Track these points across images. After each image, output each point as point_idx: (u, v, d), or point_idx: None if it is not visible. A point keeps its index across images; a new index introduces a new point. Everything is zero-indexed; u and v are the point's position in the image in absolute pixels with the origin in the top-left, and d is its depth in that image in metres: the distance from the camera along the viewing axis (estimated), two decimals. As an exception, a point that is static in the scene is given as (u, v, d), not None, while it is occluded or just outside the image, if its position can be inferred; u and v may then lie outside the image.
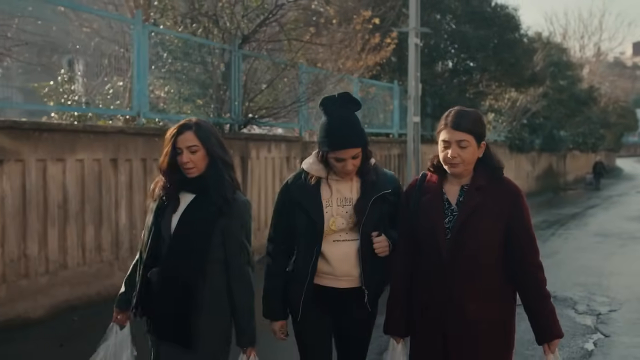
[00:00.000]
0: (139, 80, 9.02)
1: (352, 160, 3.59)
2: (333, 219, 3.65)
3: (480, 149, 3.39)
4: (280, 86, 12.31)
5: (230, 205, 3.46)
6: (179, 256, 3.44)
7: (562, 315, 7.62)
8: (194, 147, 3.46)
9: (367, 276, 3.63)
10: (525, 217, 3.40)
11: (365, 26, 14.53)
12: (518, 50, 20.85)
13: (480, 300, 3.33)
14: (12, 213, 7.00)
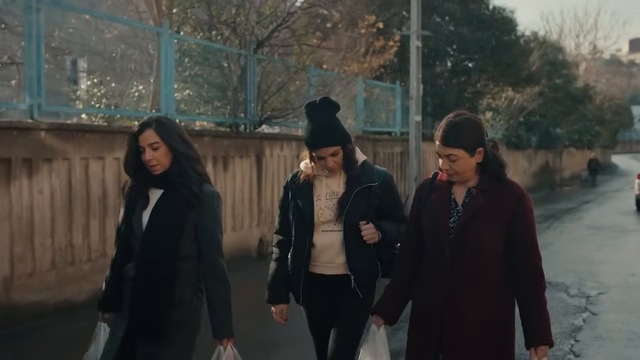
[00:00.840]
0: (166, 84, 9.79)
1: (331, 157, 3.88)
2: (321, 211, 3.95)
3: (477, 156, 3.44)
4: (291, 88, 13.09)
5: (199, 198, 3.50)
6: (151, 252, 3.47)
7: (554, 298, 8.48)
8: (155, 144, 3.49)
9: (351, 263, 3.88)
10: (528, 222, 3.43)
11: (369, 30, 15.31)
12: (515, 52, 21.62)
13: (480, 300, 3.39)
14: (60, 207, 7.78)
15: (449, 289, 3.39)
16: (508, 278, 3.40)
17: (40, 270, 7.51)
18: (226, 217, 10.83)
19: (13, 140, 7.18)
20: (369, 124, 17.21)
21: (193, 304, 3.51)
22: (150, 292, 3.42)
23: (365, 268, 3.93)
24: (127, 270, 3.50)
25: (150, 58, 11.64)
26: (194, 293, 3.52)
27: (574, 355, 6.31)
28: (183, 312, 3.46)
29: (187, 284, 3.50)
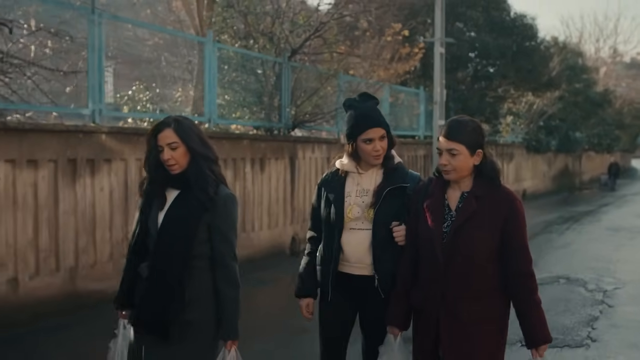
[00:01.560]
0: (210, 91, 10.49)
1: (380, 141, 3.86)
2: (350, 207, 3.91)
3: (476, 157, 3.52)
4: (321, 93, 13.77)
5: (213, 200, 3.48)
6: (165, 252, 3.46)
7: (574, 291, 9.09)
8: (174, 143, 3.48)
9: (378, 263, 3.84)
10: (519, 228, 3.51)
11: (395, 37, 15.95)
12: (536, 58, 22.18)
13: (473, 302, 3.48)
14: (118, 204, 8.48)
15: (443, 292, 3.49)
16: (501, 280, 3.50)
17: (101, 261, 8.22)
18: (262, 215, 11.50)
19: (79, 142, 7.90)
20: (394, 128, 17.85)
21: (208, 305, 3.48)
22: (161, 291, 3.42)
23: (392, 270, 3.84)
24: (141, 270, 3.51)
25: (191, 65, 12.36)
26: (208, 294, 3.49)
27: (591, 340, 6.91)
28: (197, 312, 3.44)
29: (200, 284, 3.48)
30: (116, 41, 10.63)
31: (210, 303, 3.49)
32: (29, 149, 7.25)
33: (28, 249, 7.29)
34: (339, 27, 13.83)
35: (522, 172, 28.07)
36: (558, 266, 11.07)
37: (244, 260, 11.72)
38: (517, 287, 3.47)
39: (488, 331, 3.50)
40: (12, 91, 7.94)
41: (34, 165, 7.33)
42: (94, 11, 8.21)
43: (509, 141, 26.54)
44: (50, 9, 8.37)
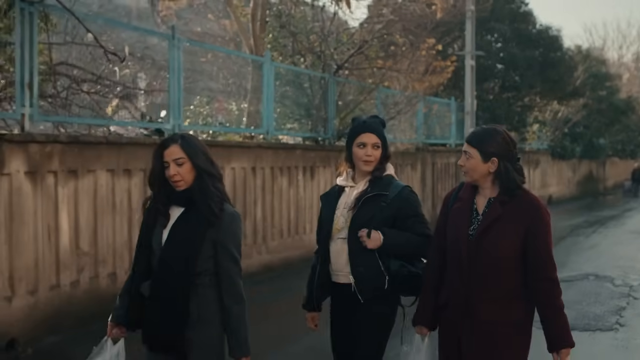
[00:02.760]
0: (267, 105, 11.54)
1: (373, 148, 4.07)
2: (337, 219, 4.12)
3: (490, 165, 3.64)
4: (362, 106, 14.80)
5: (218, 217, 3.46)
6: (169, 269, 3.44)
7: (602, 286, 10.02)
8: (180, 159, 3.47)
9: (352, 267, 4.00)
10: (543, 234, 3.59)
11: (429, 52, 16.94)
12: (561, 68, 23.12)
13: (495, 303, 3.59)
14: (193, 207, 9.53)
15: (467, 292, 3.62)
16: (525, 283, 3.60)
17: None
18: (313, 218, 12.51)
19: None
20: (427, 137, 18.82)
21: (213, 321, 3.48)
22: (166, 309, 3.42)
23: (367, 274, 3.99)
24: (143, 289, 3.51)
25: (245, 81, 13.41)
26: (213, 311, 3.48)
27: (620, 325, 7.87)
28: (203, 329, 3.45)
29: (205, 301, 3.47)
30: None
31: (215, 319, 3.48)
32: (125, 160, 8.31)
33: (124, 248, 8.32)
34: (379, 43, 14.81)
35: (547, 178, 28.87)
36: (587, 265, 11.98)
37: (298, 259, 12.79)
38: (540, 292, 3.57)
39: (508, 334, 3.60)
40: (99, 108, 9.04)
41: (128, 174, 8.39)
42: (174, 37, 9.27)
43: (534, 148, 27.38)
44: (135, 34, 9.46)
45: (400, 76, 16.18)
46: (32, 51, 7.17)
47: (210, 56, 13.31)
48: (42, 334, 7.13)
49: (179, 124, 9.42)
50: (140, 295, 3.52)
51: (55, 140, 7.36)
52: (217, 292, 3.49)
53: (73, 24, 8.22)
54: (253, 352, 3.56)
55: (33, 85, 7.19)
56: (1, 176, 6.76)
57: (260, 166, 11.01)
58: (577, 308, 8.52)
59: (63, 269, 7.47)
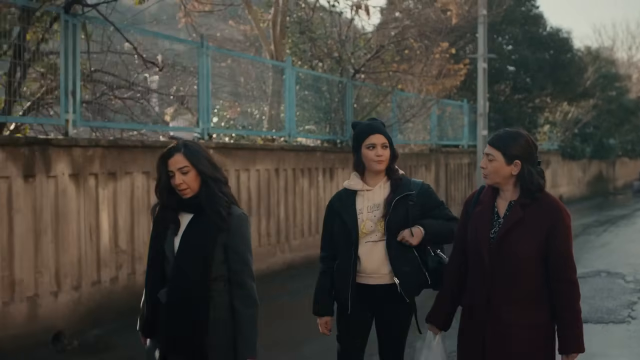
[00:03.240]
0: (289, 109, 11.96)
1: (382, 149, 4.17)
2: (363, 223, 4.17)
3: (513, 167, 3.67)
4: (378, 108, 15.21)
5: (227, 221, 3.52)
6: (185, 275, 3.50)
7: (614, 283, 10.40)
8: (185, 168, 3.52)
9: (396, 268, 4.11)
10: (564, 236, 3.64)
11: (443, 55, 17.32)
12: (572, 70, 23.46)
13: (517, 305, 3.63)
14: (221, 207, 9.96)
15: (489, 293, 3.66)
16: (546, 285, 3.64)
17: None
18: (332, 218, 12.92)
19: None
20: (440, 138, 19.21)
21: (228, 326, 3.54)
22: (183, 316, 3.47)
23: (411, 272, 4.14)
24: (161, 296, 3.55)
25: (265, 86, 13.82)
26: (228, 315, 3.54)
27: (631, 318, 8.27)
28: (218, 333, 3.51)
29: (222, 305, 3.53)
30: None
31: (230, 324, 3.54)
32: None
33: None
34: (395, 48, 15.20)
35: (558, 178, 29.17)
36: (599, 262, 12.36)
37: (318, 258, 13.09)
38: (559, 294, 3.62)
39: (534, 337, 3.64)
40: (131, 112, 9.48)
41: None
42: (203, 44, 9.71)
43: (545, 149, 27.69)
44: (165, 42, 9.89)
45: (414, 79, 16.57)
46: (74, 61, 7.62)
47: (230, 61, 13.74)
48: (86, 327, 7.57)
49: (208, 127, 9.84)
50: (157, 302, 3.55)
51: (96, 145, 7.81)
52: (229, 296, 3.54)
53: (107, 34, 8.67)
54: (279, 347, 3.72)
55: (76, 93, 7.63)
56: (48, 178, 7.21)
57: (282, 168, 11.43)
58: (591, 302, 8.92)
59: (103, 265, 7.91)
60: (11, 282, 6.84)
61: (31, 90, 8.36)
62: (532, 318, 3.64)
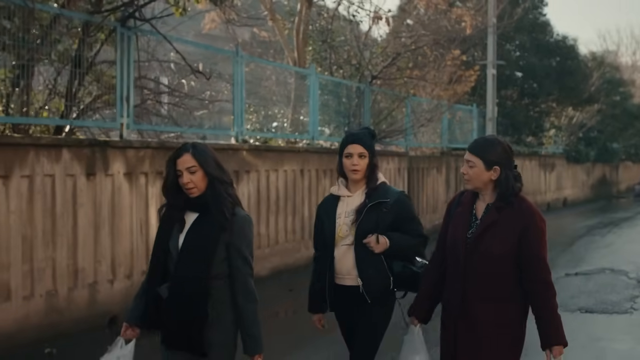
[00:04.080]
0: (313, 114, 12.71)
1: (359, 158, 4.37)
2: (340, 227, 4.41)
3: (492, 173, 3.83)
4: (394, 113, 15.97)
5: (230, 221, 3.62)
6: (186, 272, 3.60)
7: (617, 279, 11.13)
8: (193, 167, 3.61)
9: (360, 271, 4.33)
10: (536, 238, 3.78)
11: (454, 62, 18.07)
12: (577, 76, 24.21)
13: (490, 303, 3.79)
14: (252, 206, 10.71)
15: (464, 291, 3.84)
16: (520, 284, 3.80)
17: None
18: (351, 217, 13.66)
19: (228, 157, 10.13)
20: (450, 141, 19.95)
21: (228, 322, 3.67)
22: (184, 310, 3.57)
23: (374, 276, 4.34)
24: (162, 291, 3.64)
25: (287, 91, 14.56)
26: (228, 311, 3.66)
27: (633, 309, 9.02)
28: (218, 328, 3.63)
29: (221, 301, 3.65)
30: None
31: (229, 319, 3.67)
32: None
33: None
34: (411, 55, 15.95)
35: (562, 181, 29.87)
36: (603, 261, 13.09)
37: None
38: (534, 294, 3.77)
39: (502, 334, 3.80)
40: (170, 116, 10.24)
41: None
42: (238, 53, 10.46)
43: (550, 152, 28.42)
44: (200, 51, 10.64)
45: (427, 85, 17.32)
46: (128, 69, 8.37)
47: (252, 66, 14.47)
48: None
49: (242, 130, 10.59)
50: (158, 297, 3.64)
51: (147, 146, 8.56)
52: (230, 294, 3.67)
53: (151, 44, 9.43)
54: (296, 340, 4.33)
55: (130, 99, 8.38)
56: (106, 177, 7.96)
57: (307, 169, 12.17)
58: (596, 296, 9.67)
59: (152, 257, 8.65)
60: (75, 270, 7.59)
61: (81, 96, 9.09)
62: (504, 316, 3.80)
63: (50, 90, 8.33)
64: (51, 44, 7.87)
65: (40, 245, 7.20)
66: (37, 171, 7.15)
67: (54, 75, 8.25)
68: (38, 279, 7.18)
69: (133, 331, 3.80)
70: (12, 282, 6.93)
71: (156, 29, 8.39)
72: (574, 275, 11.46)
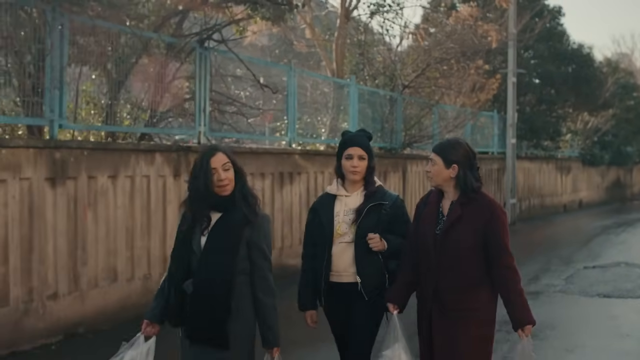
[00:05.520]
0: (352, 120, 13.94)
1: (359, 160, 4.50)
2: (339, 225, 4.49)
3: (451, 171, 4.13)
4: (423, 119, 17.21)
5: (256, 217, 3.79)
6: (210, 269, 3.70)
7: (632, 271, 12.34)
8: (227, 164, 3.76)
9: (359, 268, 4.42)
10: (499, 228, 4.06)
11: (477, 71, 19.25)
12: (593, 84, 25.37)
13: (460, 293, 4.06)
14: (304, 204, 11.92)
15: (435, 284, 4.11)
16: (486, 273, 4.09)
17: (294, 243, 11.68)
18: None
19: (283, 161, 11.38)
20: (473, 145, 21.05)
21: (249, 316, 3.79)
22: (208, 305, 3.68)
23: (372, 273, 4.45)
24: (186, 287, 3.74)
25: (326, 100, 15.80)
26: (249, 306, 3.79)
27: (645, 297, 10.25)
28: (240, 322, 3.74)
29: (243, 296, 3.77)
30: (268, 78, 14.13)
31: (250, 314, 3.80)
32: (261, 165, 10.74)
33: None
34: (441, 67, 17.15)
35: (578, 184, 30.92)
36: (618, 255, 14.27)
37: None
38: (501, 278, 4.07)
39: (473, 319, 4.07)
40: (229, 124, 11.49)
41: (262, 176, 10.82)
42: (292, 67, 11.73)
43: (566, 156, 29.51)
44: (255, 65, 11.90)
45: (451, 93, 18.50)
46: (205, 85, 9.64)
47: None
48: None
49: (294, 136, 11.85)
50: (182, 293, 3.75)
51: (220, 151, 9.82)
52: (250, 289, 3.80)
53: (218, 60, 10.69)
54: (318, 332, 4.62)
55: (206, 110, 9.65)
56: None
57: (346, 171, 13.38)
58: (613, 284, 10.87)
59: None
60: (165, 257, 8.83)
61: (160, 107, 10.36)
62: (474, 302, 4.08)
63: (134, 103, 9.59)
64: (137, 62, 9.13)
65: (138, 235, 8.48)
66: (137, 172, 8.42)
67: (141, 89, 9.49)
68: (137, 264, 8.46)
69: (153, 328, 3.91)
70: (118, 266, 8.20)
71: (232, 50, 9.65)
72: (591, 268, 12.61)
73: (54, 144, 7.36)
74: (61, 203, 7.42)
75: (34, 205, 7.11)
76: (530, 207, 24.43)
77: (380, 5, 15.95)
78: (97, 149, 7.92)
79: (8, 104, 7.85)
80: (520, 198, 22.87)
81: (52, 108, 7.44)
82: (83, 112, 8.86)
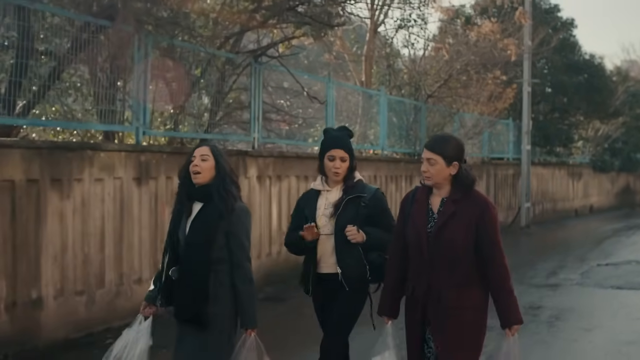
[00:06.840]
0: (382, 128, 15.03)
1: (341, 161, 4.66)
2: (319, 218, 4.70)
3: (452, 168, 4.00)
4: (445, 127, 18.29)
5: (231, 211, 4.01)
6: (191, 256, 4.04)
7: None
8: (205, 156, 4.02)
9: (339, 259, 4.60)
10: (491, 225, 3.99)
11: (494, 81, 20.30)
12: (604, 93, 26.46)
13: (454, 289, 3.97)
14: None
15: (429, 282, 4.02)
16: (479, 270, 4.01)
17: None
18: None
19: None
20: (490, 152, 22.18)
21: (227, 300, 4.07)
22: (189, 290, 4.04)
23: (352, 265, 4.60)
24: (173, 273, 4.12)
25: (355, 107, 16.88)
26: (227, 292, 4.07)
27: (654, 290, 11.29)
28: (219, 306, 4.04)
29: (220, 283, 4.06)
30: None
31: (228, 298, 4.07)
32: (304, 169, 11.76)
33: (277, 233, 11.28)
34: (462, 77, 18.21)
35: (589, 189, 31.83)
36: (629, 255, 15.32)
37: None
38: (492, 276, 4.00)
39: (465, 317, 4.01)
40: (268, 131, 12.58)
41: (306, 179, 11.84)
42: (330, 79, 12.84)
43: (578, 162, 30.48)
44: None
45: (470, 102, 19.54)
46: (258, 95, 10.73)
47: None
48: (262, 285, 10.59)
49: (332, 143, 12.92)
50: (171, 278, 4.14)
51: (271, 155, 10.92)
52: (229, 277, 4.08)
53: (266, 73, 11.79)
54: None
55: (259, 118, 10.75)
56: (245, 179, 10.30)
57: (378, 175, 14.47)
58: (625, 278, 11.94)
59: (273, 242, 11.01)
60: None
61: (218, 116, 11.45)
62: (469, 300, 4.02)
63: (196, 113, 10.70)
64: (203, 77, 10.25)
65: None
66: (204, 174, 9.50)
67: (204, 100, 10.58)
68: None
69: (151, 309, 4.31)
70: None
71: (282, 64, 10.75)
72: (604, 266, 13.66)
73: (140, 149, 8.46)
74: (145, 200, 8.52)
75: (124, 201, 8.21)
76: (543, 211, 25.36)
77: (407, 20, 17.07)
78: (173, 152, 9.01)
79: (90, 113, 8.92)
80: (534, 202, 23.81)
81: (138, 117, 8.54)
82: (158, 121, 9.97)
